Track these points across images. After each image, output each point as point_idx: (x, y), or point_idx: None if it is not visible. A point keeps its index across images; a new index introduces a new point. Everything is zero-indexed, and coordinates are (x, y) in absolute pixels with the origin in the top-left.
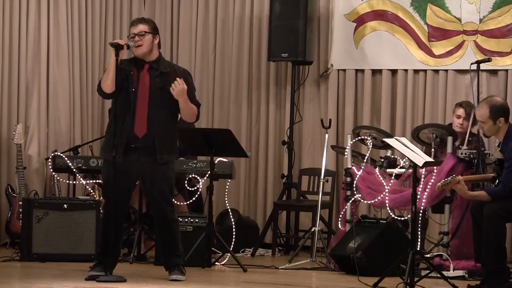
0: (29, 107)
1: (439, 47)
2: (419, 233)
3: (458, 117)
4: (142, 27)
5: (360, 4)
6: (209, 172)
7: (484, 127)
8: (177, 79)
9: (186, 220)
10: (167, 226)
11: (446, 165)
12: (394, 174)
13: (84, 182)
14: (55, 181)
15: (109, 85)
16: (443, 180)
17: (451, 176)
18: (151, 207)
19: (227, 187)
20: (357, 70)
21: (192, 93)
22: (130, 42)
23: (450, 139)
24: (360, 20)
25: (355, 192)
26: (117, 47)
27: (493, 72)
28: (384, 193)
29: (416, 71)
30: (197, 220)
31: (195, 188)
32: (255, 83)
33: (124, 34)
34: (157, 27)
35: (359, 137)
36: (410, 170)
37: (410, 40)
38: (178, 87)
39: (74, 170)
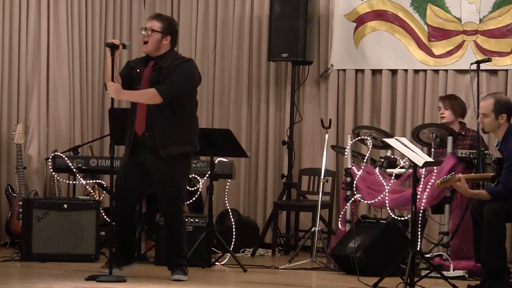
0: (29, 107)
1: (439, 47)
2: (419, 233)
3: (439, 109)
4: (153, 24)
5: (360, 4)
6: (209, 172)
7: (485, 120)
8: (108, 83)
9: (186, 220)
10: (172, 227)
11: (446, 165)
12: (394, 174)
13: (84, 182)
14: (55, 181)
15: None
16: (442, 178)
17: (450, 174)
18: (159, 207)
19: (227, 187)
20: (357, 70)
21: (173, 75)
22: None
23: (450, 139)
24: (360, 20)
25: (355, 192)
26: (113, 47)
27: (493, 72)
28: (384, 193)
29: (416, 71)
30: (197, 220)
31: (195, 188)
32: (255, 83)
33: (124, 34)
34: (172, 27)
35: (359, 137)
36: (410, 170)
37: (410, 40)
38: (108, 90)
39: (74, 170)
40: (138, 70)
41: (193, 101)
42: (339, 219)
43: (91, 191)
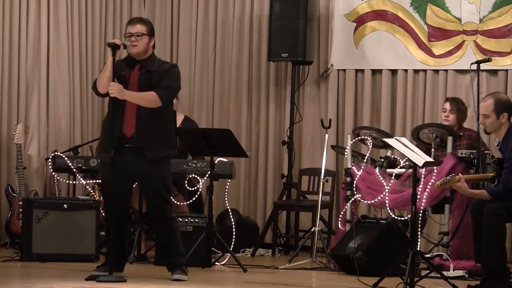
0: (29, 107)
1: (439, 47)
2: (419, 233)
3: (444, 110)
4: (140, 28)
5: (360, 4)
6: (209, 172)
7: (486, 121)
8: (110, 83)
9: (186, 220)
10: (166, 225)
11: (446, 165)
12: (394, 174)
13: (84, 182)
14: (55, 181)
15: (104, 85)
16: (442, 179)
17: (451, 175)
18: (149, 207)
19: (227, 187)
20: (357, 70)
21: (165, 79)
22: (127, 41)
23: (450, 139)
24: (360, 20)
25: (355, 192)
26: (114, 47)
27: (493, 72)
28: (384, 193)
29: (416, 71)
30: (197, 220)
31: (195, 188)
32: (255, 83)
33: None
34: (153, 29)
35: (359, 137)
36: (410, 170)
37: (410, 40)
38: (110, 90)
39: (74, 170)
40: (123, 73)
41: (172, 106)
42: (339, 219)
43: (91, 191)
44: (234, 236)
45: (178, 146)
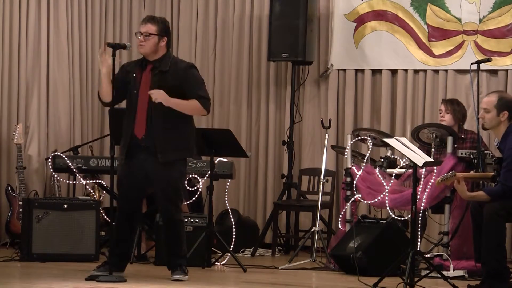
0: (29, 107)
1: (439, 47)
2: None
3: (440, 112)
4: (149, 28)
5: (360, 4)
6: (209, 172)
7: (486, 116)
8: (150, 92)
9: (186, 220)
10: (171, 226)
11: (446, 165)
12: (394, 174)
13: (84, 182)
14: (55, 181)
15: (107, 92)
16: (442, 175)
17: (451, 172)
18: (158, 207)
19: (227, 187)
20: (357, 70)
21: (196, 87)
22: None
23: (450, 139)
24: (360, 20)
25: (355, 192)
26: (114, 47)
27: (493, 72)
28: (384, 193)
29: (416, 71)
30: (197, 220)
31: (195, 188)
32: (255, 83)
33: (124, 34)
34: (167, 28)
35: (359, 137)
36: (410, 170)
37: (410, 40)
38: (154, 96)
39: (74, 170)
40: (134, 75)
41: None
42: (339, 219)
43: (91, 191)
44: (234, 236)
45: None
